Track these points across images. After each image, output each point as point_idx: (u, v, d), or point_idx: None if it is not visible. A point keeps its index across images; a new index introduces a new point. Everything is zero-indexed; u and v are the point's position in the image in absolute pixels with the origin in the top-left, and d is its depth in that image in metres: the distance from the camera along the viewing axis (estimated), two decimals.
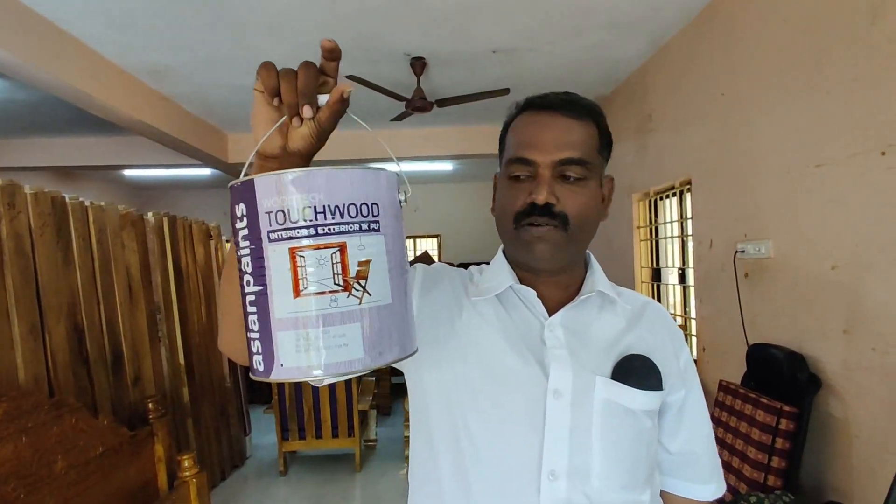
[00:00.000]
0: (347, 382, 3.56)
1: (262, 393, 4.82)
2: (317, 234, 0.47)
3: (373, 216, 0.49)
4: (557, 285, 0.77)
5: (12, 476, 1.64)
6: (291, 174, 0.47)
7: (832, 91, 1.95)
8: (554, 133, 0.72)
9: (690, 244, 3.14)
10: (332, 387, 3.56)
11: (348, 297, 0.47)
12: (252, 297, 0.49)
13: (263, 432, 4.34)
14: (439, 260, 8.95)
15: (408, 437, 3.71)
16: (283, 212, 0.47)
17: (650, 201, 3.80)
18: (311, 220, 0.47)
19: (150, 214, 2.90)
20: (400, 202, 0.54)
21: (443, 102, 3.73)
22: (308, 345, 0.46)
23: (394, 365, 0.77)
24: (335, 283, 0.47)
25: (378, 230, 0.49)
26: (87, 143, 5.30)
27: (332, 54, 0.54)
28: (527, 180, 0.72)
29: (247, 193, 0.48)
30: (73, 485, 1.86)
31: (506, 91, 3.67)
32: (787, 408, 1.97)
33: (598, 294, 0.77)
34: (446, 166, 7.07)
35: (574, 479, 0.68)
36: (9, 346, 1.84)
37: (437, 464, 0.74)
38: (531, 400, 0.70)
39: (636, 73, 3.79)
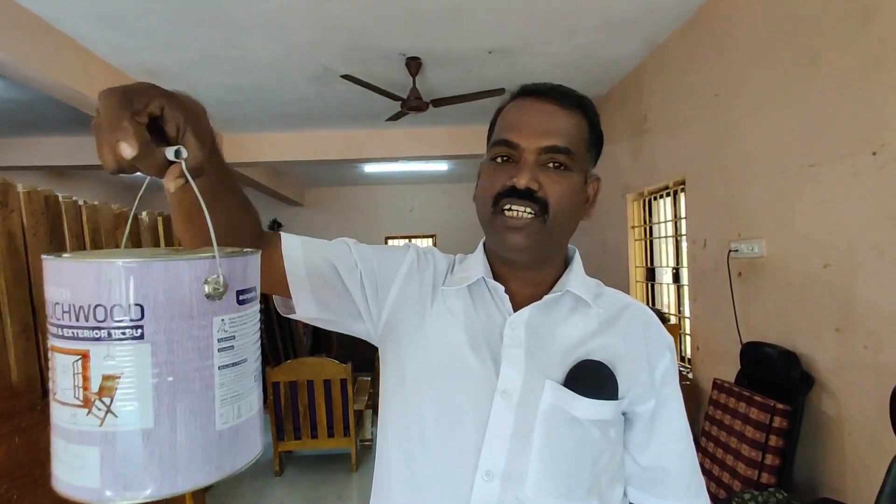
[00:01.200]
0: (342, 382, 3.55)
1: None
2: (63, 337, 0.40)
3: (131, 321, 0.39)
4: (530, 281, 0.75)
5: (6, 477, 1.64)
6: (47, 262, 0.41)
7: (825, 92, 1.97)
8: (541, 119, 0.70)
9: (684, 244, 3.15)
10: (327, 386, 3.55)
11: (87, 414, 0.39)
12: None
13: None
14: None
15: None
16: (47, 303, 0.41)
17: (644, 201, 3.81)
18: (59, 320, 0.40)
19: (144, 214, 2.89)
20: (206, 295, 0.41)
21: (438, 102, 3.73)
22: (57, 455, 0.41)
23: (372, 340, 0.77)
24: (75, 397, 0.39)
25: (140, 337, 0.39)
26: (80, 142, 5.26)
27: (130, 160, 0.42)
28: (509, 164, 0.70)
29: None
30: None
31: (501, 91, 3.67)
32: (780, 405, 1.98)
33: (569, 295, 0.74)
34: (441, 166, 7.08)
35: (508, 482, 0.66)
36: (1, 346, 1.83)
37: (388, 445, 0.74)
38: (479, 397, 0.69)
39: (631, 74, 3.80)
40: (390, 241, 8.80)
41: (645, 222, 3.83)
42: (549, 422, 0.68)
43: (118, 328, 0.39)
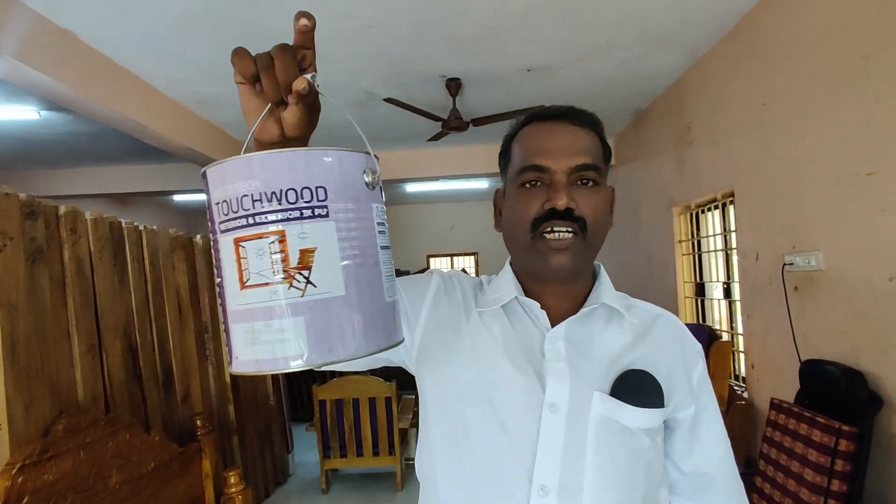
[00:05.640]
0: (387, 400, 3.57)
1: (304, 411, 4.89)
2: (255, 224, 0.44)
3: (318, 201, 0.45)
4: (564, 296, 0.76)
5: (70, 490, 1.71)
6: (229, 162, 0.46)
7: (881, 96, 1.89)
8: (567, 140, 0.72)
9: (735, 258, 3.05)
10: (372, 405, 3.58)
11: (289, 288, 0.44)
12: (217, 290, 0.48)
13: (305, 450, 4.40)
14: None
15: None
16: (227, 202, 0.46)
17: (691, 214, 3.71)
18: (248, 209, 0.45)
19: (198, 237, 3.03)
20: (366, 184, 0.49)
21: (478, 121, 3.77)
22: (254, 338, 0.45)
23: (409, 368, 0.78)
24: (274, 275, 0.44)
25: (326, 216, 0.45)
26: (141, 170, 5.59)
27: (310, 31, 0.52)
28: (541, 187, 0.71)
29: (205, 185, 0.48)
30: (127, 499, 1.92)
31: (541, 108, 3.68)
32: (845, 427, 1.87)
33: (604, 307, 0.75)
34: (482, 184, 7.11)
35: (565, 495, 0.66)
36: (69, 364, 1.94)
37: (433, 469, 0.74)
38: (527, 413, 0.69)
39: (673, 86, 3.74)
40: (432, 260, 8.85)
41: (692, 236, 3.72)
42: (600, 433, 0.68)
43: (308, 207, 0.45)
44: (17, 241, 1.71)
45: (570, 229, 0.69)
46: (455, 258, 8.93)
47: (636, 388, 0.70)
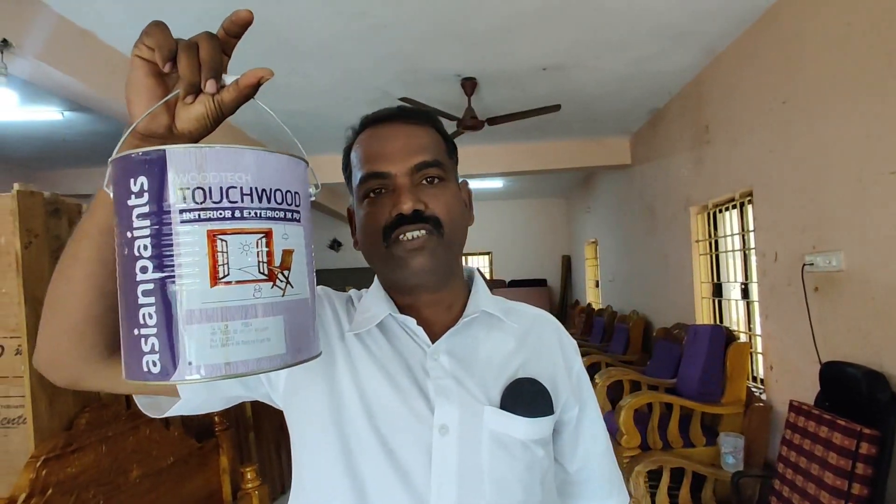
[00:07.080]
0: None
1: None
2: (242, 218, 0.42)
3: (296, 205, 0.46)
4: (439, 306, 0.72)
5: (93, 483, 1.75)
6: (217, 148, 0.42)
7: None
8: (402, 141, 0.69)
9: (753, 258, 3.01)
10: None
11: (272, 287, 0.42)
12: (150, 287, 0.41)
13: None
14: (491, 277, 8.92)
15: None
16: (202, 190, 0.41)
17: (709, 214, 3.67)
18: (236, 202, 0.42)
19: None
20: (311, 195, 0.50)
21: (494, 120, 3.77)
22: (227, 339, 0.40)
23: (274, 402, 0.72)
24: (260, 272, 0.42)
25: (299, 220, 0.46)
26: None
27: (242, 29, 0.48)
28: (386, 194, 0.67)
29: (152, 166, 0.41)
30: (147, 493, 1.96)
31: (557, 107, 3.67)
32: (867, 430, 1.84)
33: (483, 314, 0.71)
34: (496, 183, 7.10)
35: None
36: None
37: None
38: (417, 438, 0.64)
39: (690, 85, 3.70)
40: None
41: (710, 236, 3.68)
42: (495, 450, 0.65)
43: (290, 210, 0.45)
44: (41, 238, 1.75)
45: (422, 230, 0.66)
46: (469, 258, 8.93)
47: (525, 397, 0.67)
